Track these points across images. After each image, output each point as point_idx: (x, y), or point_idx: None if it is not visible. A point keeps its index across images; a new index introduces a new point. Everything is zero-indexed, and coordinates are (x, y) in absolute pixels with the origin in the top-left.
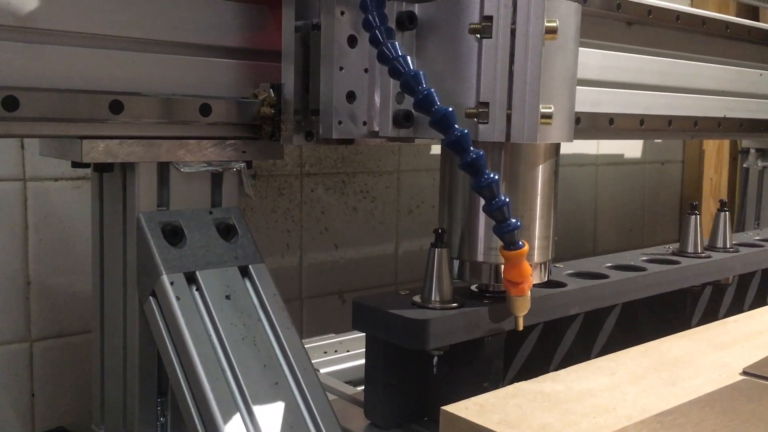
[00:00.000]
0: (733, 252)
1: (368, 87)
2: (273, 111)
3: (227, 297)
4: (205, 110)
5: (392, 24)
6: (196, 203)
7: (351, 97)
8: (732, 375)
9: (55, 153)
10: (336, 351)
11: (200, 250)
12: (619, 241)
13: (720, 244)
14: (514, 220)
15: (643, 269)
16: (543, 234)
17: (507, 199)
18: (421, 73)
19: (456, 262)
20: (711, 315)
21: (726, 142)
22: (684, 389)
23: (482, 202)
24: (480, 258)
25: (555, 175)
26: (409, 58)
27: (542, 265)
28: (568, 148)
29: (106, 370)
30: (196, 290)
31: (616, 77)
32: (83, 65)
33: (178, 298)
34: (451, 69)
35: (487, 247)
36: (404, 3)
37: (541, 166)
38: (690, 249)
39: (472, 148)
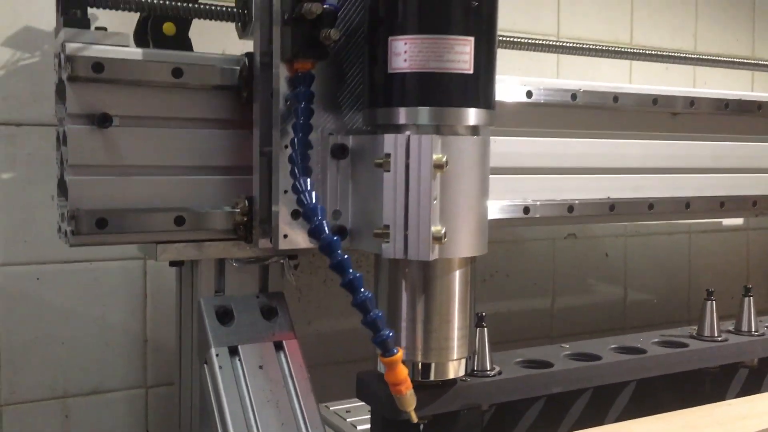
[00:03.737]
0: (757, 336)
1: None
2: (246, 219)
3: (260, 367)
4: None
5: (327, 154)
6: (246, 289)
7: (295, 215)
8: None
9: (142, 251)
10: None
11: (245, 328)
12: (718, 309)
13: (745, 327)
14: (386, 332)
15: (642, 351)
16: (461, 334)
17: (381, 314)
18: (319, 207)
19: None
20: (730, 397)
21: None
22: None
23: (405, 309)
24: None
25: (470, 281)
26: (315, 193)
27: (461, 360)
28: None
29: (182, 420)
30: (238, 360)
31: (658, 164)
32: (154, 189)
33: (220, 367)
34: (371, 194)
35: (408, 347)
36: (339, 136)
37: (457, 273)
38: (706, 332)
39: (350, 271)
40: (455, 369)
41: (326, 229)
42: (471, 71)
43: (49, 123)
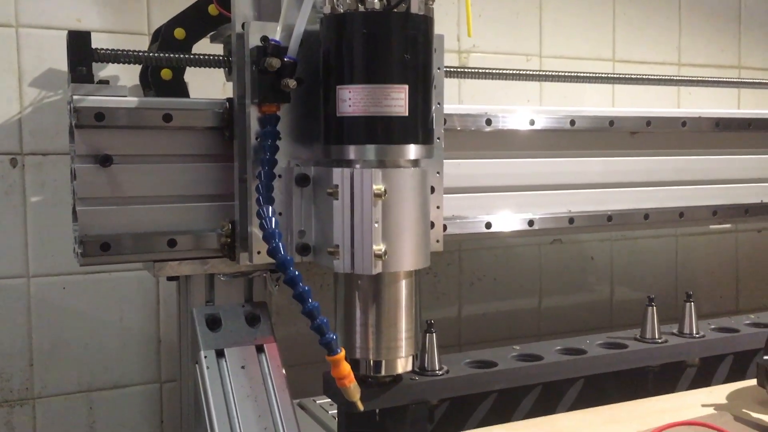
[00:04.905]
0: (697, 338)
1: (283, 226)
2: (229, 239)
3: (242, 367)
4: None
5: (293, 181)
6: (233, 299)
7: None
8: None
9: (145, 268)
10: None
11: (230, 333)
12: (708, 308)
13: (687, 330)
14: (331, 335)
15: (584, 352)
16: (408, 335)
17: (326, 320)
18: (276, 231)
19: None
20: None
21: None
22: None
23: (359, 314)
24: (357, 355)
25: (414, 290)
26: (275, 219)
27: (408, 358)
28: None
29: (183, 411)
30: (224, 361)
31: (619, 179)
32: (150, 216)
33: (208, 368)
34: (328, 218)
35: (362, 347)
36: (302, 167)
37: (402, 284)
38: (648, 335)
39: (300, 284)
40: (403, 365)
41: (281, 250)
42: (407, 114)
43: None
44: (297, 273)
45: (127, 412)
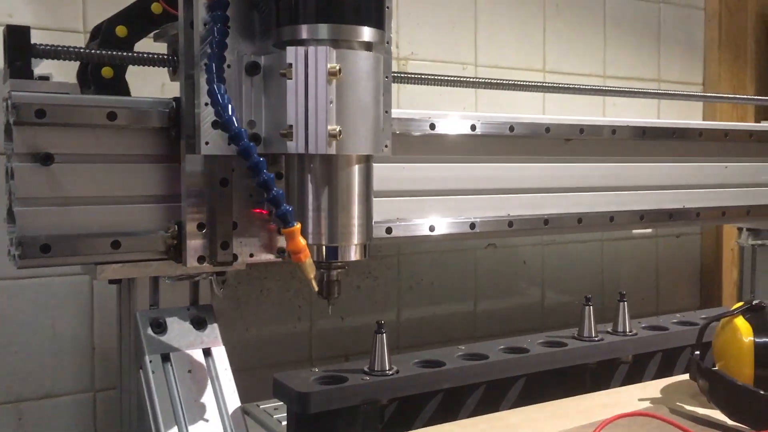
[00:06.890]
0: (630, 335)
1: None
2: (176, 241)
3: (189, 371)
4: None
5: (243, 73)
6: (179, 302)
7: (216, 124)
8: None
9: (85, 270)
10: None
11: (176, 337)
12: (631, 309)
13: (620, 329)
14: (286, 206)
15: (526, 351)
16: (360, 222)
17: (281, 191)
18: (229, 105)
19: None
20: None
21: None
22: None
23: (311, 199)
24: (310, 241)
25: (368, 176)
26: (227, 96)
27: (362, 245)
28: None
29: (123, 419)
30: (169, 366)
31: (554, 184)
32: (93, 217)
33: (153, 372)
34: (279, 102)
35: (314, 232)
36: (252, 55)
37: (355, 168)
38: (585, 333)
39: (255, 155)
40: (356, 252)
41: (234, 122)
42: None
43: (2, 152)
44: (251, 144)
45: (59, 422)
